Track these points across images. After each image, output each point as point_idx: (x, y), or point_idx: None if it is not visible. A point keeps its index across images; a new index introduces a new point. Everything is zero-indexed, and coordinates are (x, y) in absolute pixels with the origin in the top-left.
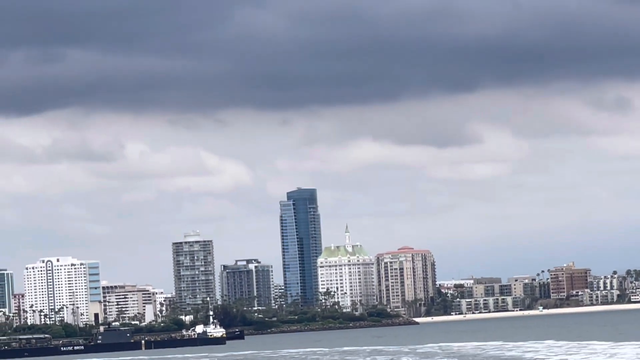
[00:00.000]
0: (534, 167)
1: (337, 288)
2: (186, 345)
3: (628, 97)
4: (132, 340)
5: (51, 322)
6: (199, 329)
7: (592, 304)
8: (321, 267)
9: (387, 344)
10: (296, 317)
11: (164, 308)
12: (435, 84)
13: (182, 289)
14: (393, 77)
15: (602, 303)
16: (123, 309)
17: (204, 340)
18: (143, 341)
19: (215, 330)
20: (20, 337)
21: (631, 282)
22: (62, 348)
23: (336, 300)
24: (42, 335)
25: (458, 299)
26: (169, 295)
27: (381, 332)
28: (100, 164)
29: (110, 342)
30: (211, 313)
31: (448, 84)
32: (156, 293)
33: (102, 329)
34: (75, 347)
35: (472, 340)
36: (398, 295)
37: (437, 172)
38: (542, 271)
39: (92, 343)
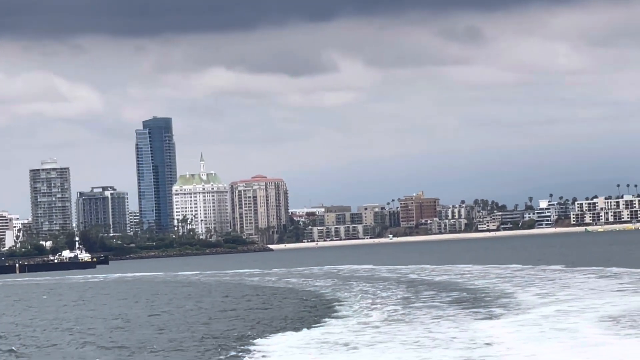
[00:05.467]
0: (386, 97)
1: (194, 215)
2: (60, 268)
3: (478, 27)
4: (7, 264)
5: None
6: (66, 253)
7: (440, 233)
8: (176, 194)
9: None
10: (154, 243)
11: (20, 234)
12: (293, 12)
13: (39, 215)
14: (250, 5)
15: (451, 232)
16: None
17: (76, 264)
18: (17, 265)
19: (85, 255)
20: None
21: (478, 212)
22: None
23: (191, 227)
24: None
25: (310, 227)
26: (26, 221)
27: (242, 257)
28: None
29: None
30: (77, 239)
31: (306, 13)
32: (12, 219)
33: None
34: None
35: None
36: (251, 223)
37: (290, 101)
38: (392, 200)
39: None
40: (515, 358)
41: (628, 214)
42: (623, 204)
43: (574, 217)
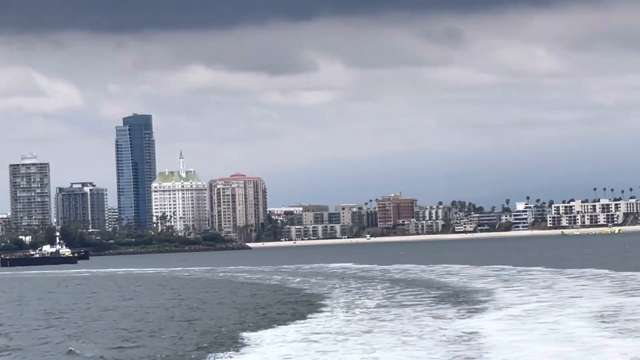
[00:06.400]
0: (365, 97)
1: (173, 212)
2: (42, 263)
3: (457, 28)
4: None
5: None
6: (47, 248)
7: (417, 233)
8: (155, 191)
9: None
10: (133, 239)
11: None
12: (273, 11)
13: (19, 210)
14: (230, 3)
15: (428, 232)
16: None
17: (57, 259)
18: (0, 258)
19: (66, 250)
20: None
21: (455, 213)
22: None
23: (170, 224)
24: None
25: (288, 226)
26: (5, 216)
27: (223, 255)
28: None
29: None
30: (58, 234)
31: (285, 12)
32: None
33: None
34: None
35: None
36: (230, 221)
37: (269, 99)
38: (370, 200)
39: None
40: (498, 349)
41: (604, 218)
42: (599, 208)
43: (550, 220)
